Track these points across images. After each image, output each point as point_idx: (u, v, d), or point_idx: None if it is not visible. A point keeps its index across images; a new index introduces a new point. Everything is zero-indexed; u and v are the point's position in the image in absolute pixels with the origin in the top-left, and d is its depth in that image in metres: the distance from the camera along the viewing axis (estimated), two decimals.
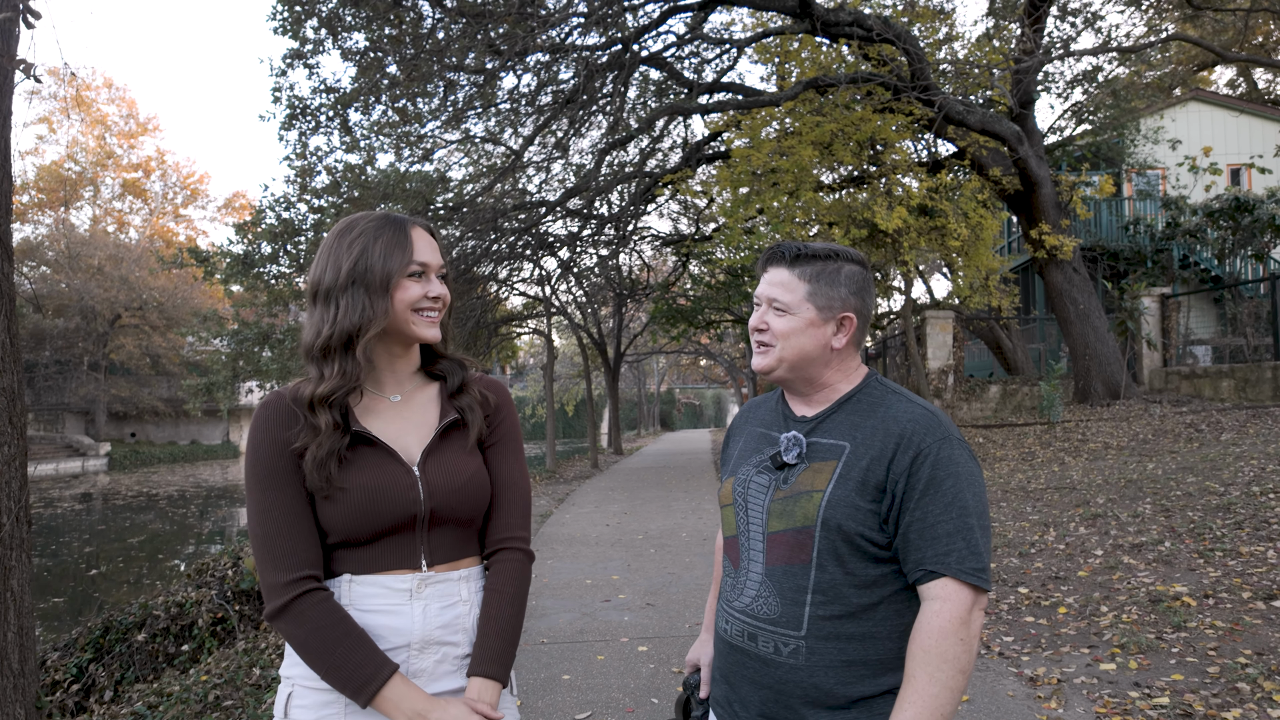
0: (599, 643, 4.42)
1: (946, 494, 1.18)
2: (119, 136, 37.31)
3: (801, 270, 1.32)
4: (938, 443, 1.21)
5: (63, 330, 31.01)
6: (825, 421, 1.32)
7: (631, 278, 20.10)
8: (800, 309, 1.31)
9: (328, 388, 1.24)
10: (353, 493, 1.23)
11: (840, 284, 1.32)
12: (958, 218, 10.22)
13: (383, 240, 1.27)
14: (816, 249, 1.33)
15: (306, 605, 1.19)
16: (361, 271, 1.25)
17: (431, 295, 1.30)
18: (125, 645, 5.07)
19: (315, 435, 1.23)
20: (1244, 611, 3.76)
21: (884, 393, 1.32)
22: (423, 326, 1.31)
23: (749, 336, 1.39)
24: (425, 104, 12.03)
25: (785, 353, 1.32)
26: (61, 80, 30.17)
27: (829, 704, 1.22)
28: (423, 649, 1.26)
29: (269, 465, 1.23)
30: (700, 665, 1.54)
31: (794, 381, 1.35)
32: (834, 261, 1.33)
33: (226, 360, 13.92)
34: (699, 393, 57.69)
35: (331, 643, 1.17)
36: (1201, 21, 17.43)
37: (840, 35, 9.93)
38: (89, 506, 19.21)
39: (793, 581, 1.25)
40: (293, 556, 1.20)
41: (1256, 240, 13.81)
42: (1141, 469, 7.08)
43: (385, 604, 1.25)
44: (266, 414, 1.26)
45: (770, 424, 1.41)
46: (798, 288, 1.31)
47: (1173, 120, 17.34)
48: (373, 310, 1.25)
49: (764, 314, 1.34)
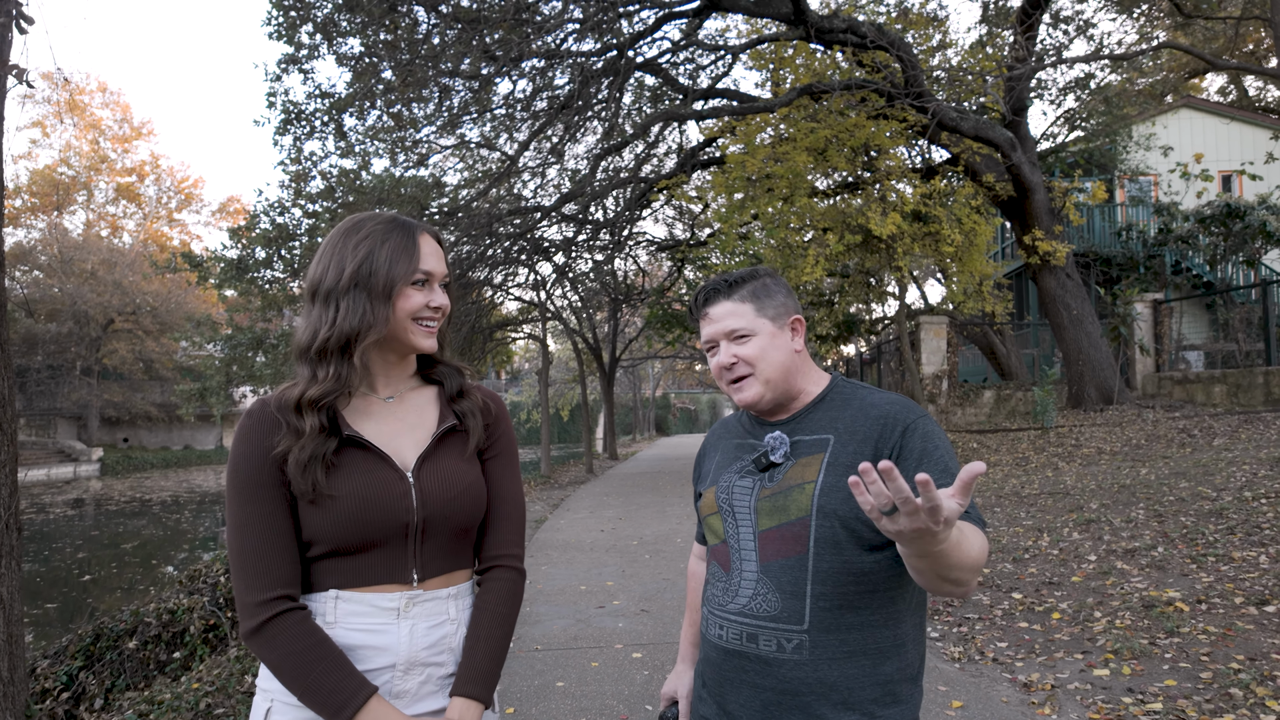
0: (593, 649, 4.41)
1: (939, 463, 1.22)
2: (113, 141, 37.21)
3: (740, 294, 1.36)
4: (919, 418, 1.28)
5: (55, 335, 30.86)
6: (804, 419, 1.35)
7: (627, 283, 20.11)
8: (759, 327, 1.34)
9: (318, 391, 1.20)
10: (342, 500, 1.19)
11: (776, 293, 1.37)
12: (951, 223, 10.26)
13: (389, 245, 1.24)
14: (738, 274, 1.38)
15: (280, 627, 1.15)
16: (365, 275, 1.22)
17: (433, 305, 1.27)
18: (116, 652, 5.03)
19: (298, 438, 1.19)
20: (1236, 617, 3.77)
21: (853, 389, 1.37)
22: (420, 336, 1.27)
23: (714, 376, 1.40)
24: (420, 109, 12.03)
25: (767, 374, 1.34)
26: (55, 85, 30.06)
27: (834, 700, 1.22)
28: (408, 670, 1.22)
29: (247, 478, 1.19)
30: (678, 698, 1.51)
31: (780, 401, 1.37)
32: (757, 279, 1.38)
33: (220, 365, 13.86)
34: (694, 397, 57.69)
35: (306, 665, 1.14)
36: (1192, 29, 17.57)
37: (834, 42, 9.98)
38: (81, 512, 19.09)
39: (791, 574, 1.25)
40: (268, 575, 1.17)
41: (1248, 246, 13.90)
42: (1135, 474, 7.11)
43: (372, 623, 1.21)
44: (249, 423, 1.22)
45: (746, 434, 1.42)
46: (745, 310, 1.35)
47: (1164, 127, 17.46)
48: (373, 316, 1.22)
49: (728, 349, 1.35)
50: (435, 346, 1.30)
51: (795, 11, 9.81)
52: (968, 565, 1.06)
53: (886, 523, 0.92)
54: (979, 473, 0.88)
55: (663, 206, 17.19)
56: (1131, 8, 16.37)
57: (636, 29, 11.75)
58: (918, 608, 1.31)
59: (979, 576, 1.12)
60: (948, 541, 0.97)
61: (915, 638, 1.30)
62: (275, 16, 10.68)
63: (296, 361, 1.26)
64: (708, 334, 1.38)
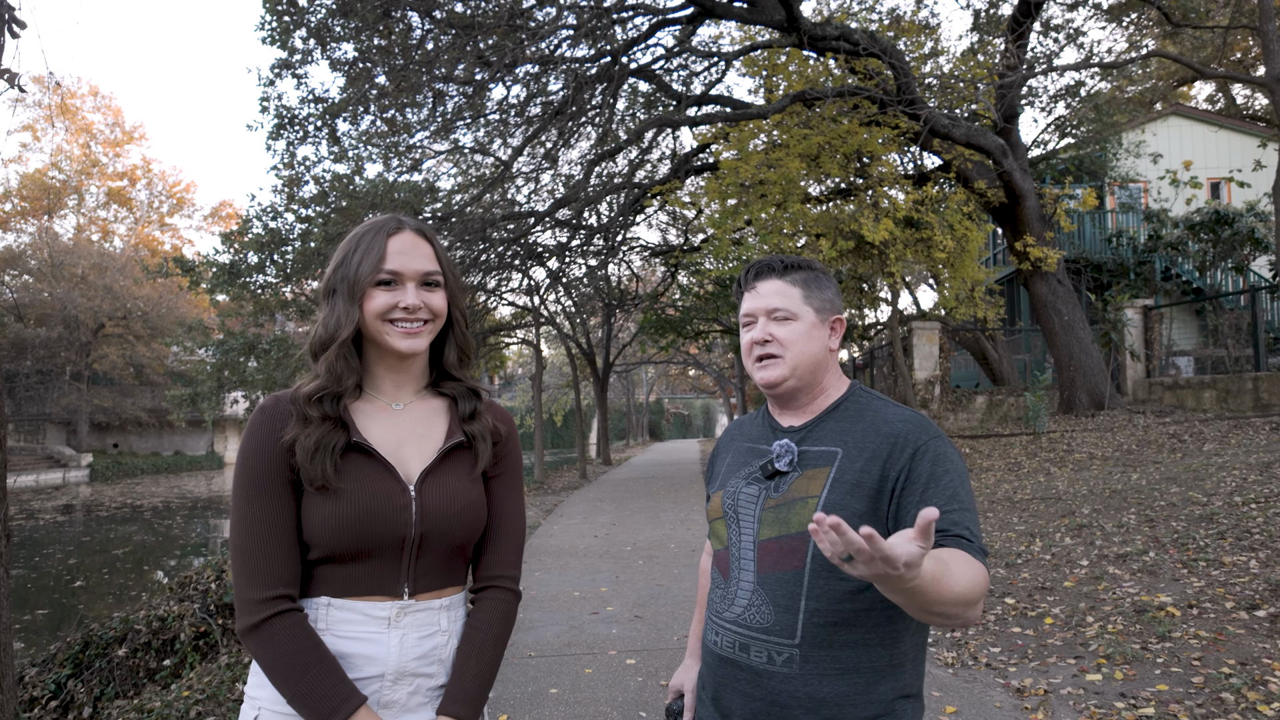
0: (587, 655, 4.39)
1: (946, 489, 1.19)
2: (104, 145, 37.03)
3: (792, 278, 1.35)
4: (931, 439, 1.24)
5: (45, 340, 30.64)
6: (815, 430, 1.33)
7: (620, 288, 20.11)
8: (802, 313, 1.33)
9: (315, 385, 1.24)
10: (345, 504, 1.19)
11: (826, 288, 1.37)
12: (943, 230, 10.31)
13: (361, 246, 1.26)
14: (797, 259, 1.37)
15: (279, 627, 1.15)
16: (341, 278, 1.26)
17: (403, 305, 1.24)
18: (105, 660, 4.98)
19: (305, 425, 1.21)
20: (1227, 621, 3.79)
21: (869, 399, 1.35)
22: (395, 338, 1.25)
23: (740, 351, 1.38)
24: (414, 114, 12.02)
25: (796, 360, 1.32)
26: (46, 88, 29.93)
27: (823, 715, 1.21)
28: (397, 680, 1.22)
29: (256, 472, 1.19)
30: (685, 690, 1.51)
31: (800, 390, 1.35)
32: (813, 269, 1.38)
33: (211, 370, 13.78)
34: (688, 403, 57.70)
35: (300, 668, 1.14)
36: (1181, 38, 17.72)
37: (827, 49, 10.03)
38: (71, 518, 18.95)
39: (785, 589, 1.24)
40: (270, 573, 1.17)
41: (1236, 253, 14.02)
42: (1126, 479, 7.14)
43: (362, 631, 1.21)
44: (262, 418, 1.23)
45: (758, 438, 1.41)
46: (793, 293, 1.34)
47: (1154, 134, 17.60)
48: (346, 317, 1.24)
49: (766, 326, 1.33)
50: (417, 349, 1.27)
51: (788, 19, 9.87)
52: (951, 600, 1.01)
53: (848, 568, 0.91)
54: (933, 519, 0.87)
55: (656, 212, 17.22)
56: (1121, 17, 16.53)
57: (630, 35, 11.79)
58: (919, 628, 1.28)
59: (975, 610, 1.07)
60: (919, 580, 0.94)
61: (914, 657, 1.27)
62: (269, 21, 10.67)
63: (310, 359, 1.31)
64: (749, 308, 1.36)
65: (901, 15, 12.80)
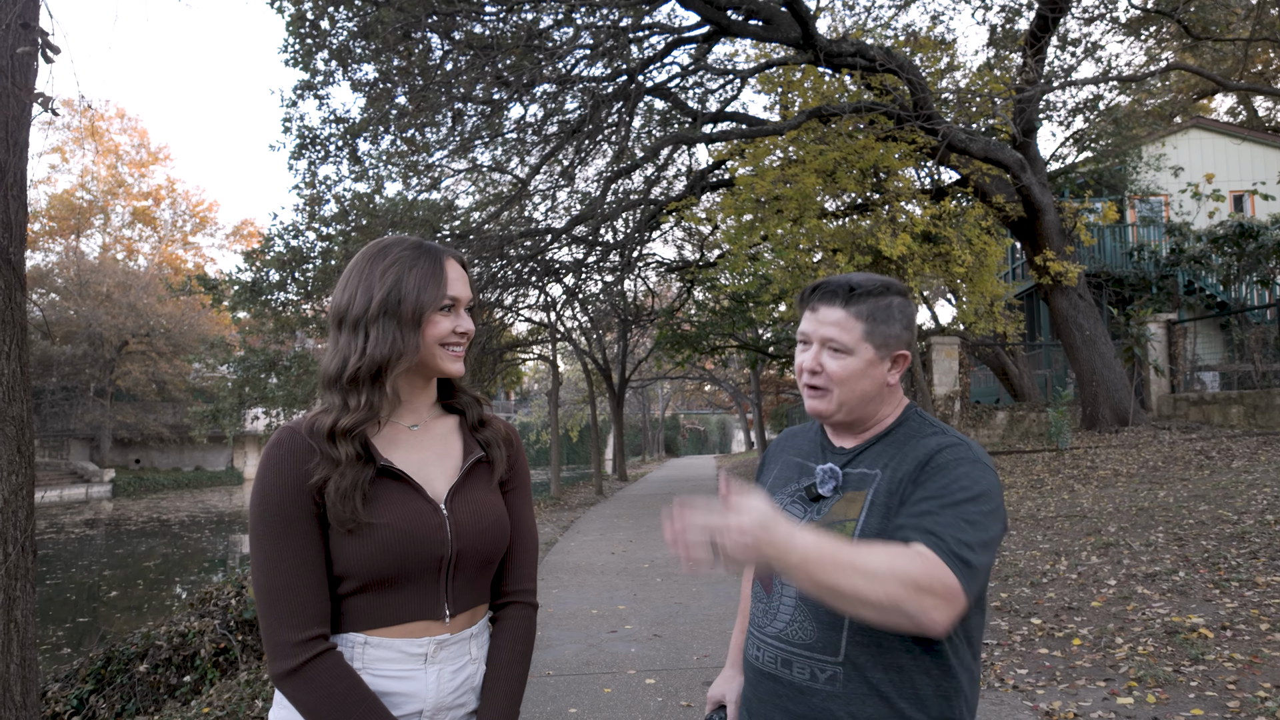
0: (605, 674, 4.36)
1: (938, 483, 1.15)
2: (130, 165, 37.78)
3: (857, 309, 1.25)
4: (951, 446, 1.20)
5: (70, 357, 31.15)
6: (862, 454, 1.30)
7: (636, 304, 20.16)
8: (859, 349, 1.25)
9: (351, 420, 1.18)
10: (380, 531, 1.16)
11: (895, 320, 1.27)
12: (962, 244, 10.25)
13: (417, 271, 1.23)
14: (867, 284, 1.27)
15: (319, 669, 1.12)
16: (394, 303, 1.21)
17: (460, 330, 1.27)
18: (127, 676, 5.01)
19: (335, 467, 1.16)
20: (1262, 643, 3.70)
21: (920, 423, 1.30)
22: (448, 361, 1.27)
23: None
24: (433, 133, 12.18)
25: (845, 397, 1.27)
26: (76, 111, 30.60)
27: None
28: (434, 715, 1.22)
29: (278, 509, 1.15)
30: (726, 701, 1.48)
31: (850, 423, 1.32)
32: (885, 297, 1.27)
33: (233, 387, 13.94)
34: (704, 418, 57.52)
35: (345, 709, 1.12)
36: (1201, 51, 17.61)
37: (843, 65, 10.05)
38: (99, 532, 19.21)
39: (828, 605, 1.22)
40: (303, 614, 1.13)
41: (1262, 266, 13.82)
42: (1153, 497, 7.01)
43: (400, 670, 1.19)
44: (279, 452, 1.18)
45: (808, 454, 1.39)
46: (854, 327, 1.25)
47: (1174, 147, 17.45)
48: (404, 344, 1.21)
49: (818, 355, 1.27)
50: (463, 370, 1.30)
51: (804, 36, 9.90)
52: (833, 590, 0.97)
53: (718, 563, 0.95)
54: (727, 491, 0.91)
55: (672, 228, 17.27)
56: (1140, 30, 16.43)
57: (646, 54, 11.89)
58: (971, 662, 1.23)
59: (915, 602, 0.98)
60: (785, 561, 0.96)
61: (967, 694, 1.22)
62: (292, 44, 10.87)
63: (325, 390, 1.25)
64: (805, 329, 1.30)
65: (917, 31, 12.82)
